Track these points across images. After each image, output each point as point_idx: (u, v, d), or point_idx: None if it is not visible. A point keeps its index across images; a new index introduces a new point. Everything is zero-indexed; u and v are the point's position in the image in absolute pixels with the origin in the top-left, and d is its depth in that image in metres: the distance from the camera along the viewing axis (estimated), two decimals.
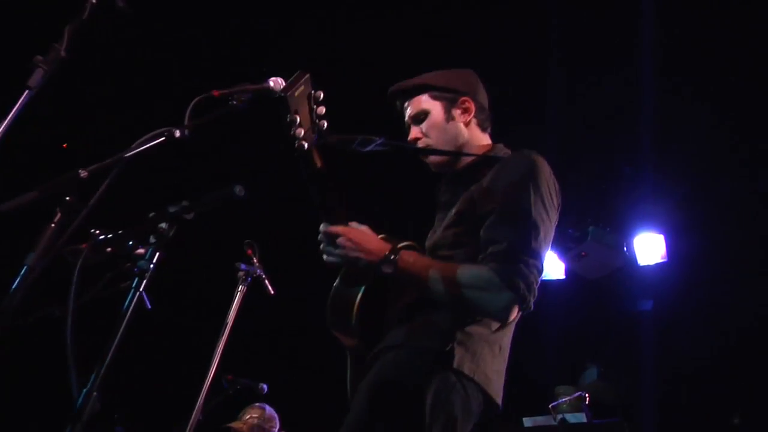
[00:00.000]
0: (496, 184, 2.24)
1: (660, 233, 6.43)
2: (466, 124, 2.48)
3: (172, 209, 1.77)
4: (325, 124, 2.09)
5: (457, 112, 2.47)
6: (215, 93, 2.03)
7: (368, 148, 2.27)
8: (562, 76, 5.93)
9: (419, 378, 2.12)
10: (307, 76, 2.06)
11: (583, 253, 6.60)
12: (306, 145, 2.04)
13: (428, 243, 2.39)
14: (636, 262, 6.51)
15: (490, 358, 2.22)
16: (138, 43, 5.59)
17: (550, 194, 2.24)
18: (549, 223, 2.22)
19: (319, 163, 2.10)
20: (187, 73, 5.69)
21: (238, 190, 1.75)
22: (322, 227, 2.19)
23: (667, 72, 5.71)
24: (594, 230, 6.52)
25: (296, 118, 2.01)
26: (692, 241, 6.46)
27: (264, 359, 6.57)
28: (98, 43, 5.01)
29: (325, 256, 2.20)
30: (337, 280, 2.33)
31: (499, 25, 5.57)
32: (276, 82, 2.20)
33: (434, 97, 2.48)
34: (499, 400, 2.25)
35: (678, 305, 6.71)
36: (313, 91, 2.07)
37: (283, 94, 1.99)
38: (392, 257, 2.15)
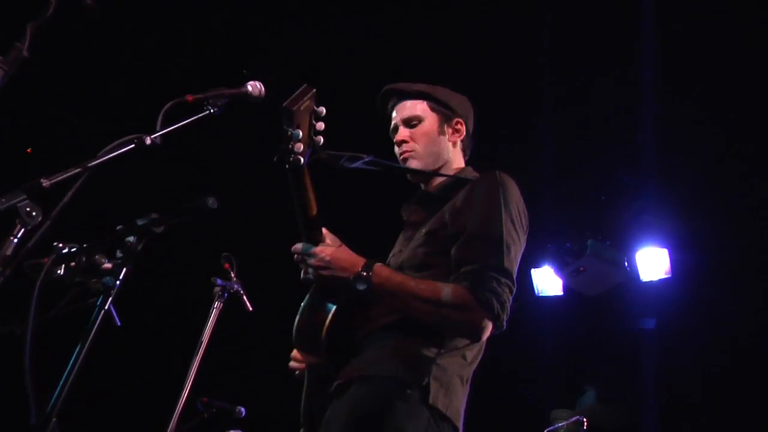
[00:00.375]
0: (467, 204, 2.38)
1: (663, 247, 6.44)
2: (453, 144, 2.66)
3: (140, 222, 1.76)
4: (321, 140, 2.16)
5: (449, 130, 2.65)
6: (189, 98, 2.04)
7: (354, 165, 2.37)
8: (557, 80, 5.96)
9: (397, 415, 2.19)
10: (314, 91, 2.12)
11: (581, 269, 6.61)
12: (302, 161, 2.09)
13: (393, 262, 2.50)
14: (638, 277, 6.52)
15: (460, 393, 2.33)
16: (107, 43, 5.58)
17: (519, 215, 2.40)
18: (519, 244, 2.37)
19: (308, 179, 2.17)
20: (160, 76, 5.68)
21: (211, 202, 1.75)
22: (294, 247, 2.28)
23: (668, 75, 5.74)
24: (593, 244, 6.53)
25: (298, 133, 2.07)
26: (698, 255, 6.48)
27: (242, 380, 6.54)
28: (64, 42, 5.00)
29: (302, 274, 2.30)
30: (307, 297, 2.40)
31: (489, 28, 5.61)
32: (254, 87, 2.21)
33: (432, 108, 2.64)
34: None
35: (682, 324, 6.72)
36: (315, 107, 2.14)
37: (289, 108, 2.05)
38: (365, 273, 2.23)
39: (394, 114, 2.68)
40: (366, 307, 2.35)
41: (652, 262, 6.47)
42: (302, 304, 2.40)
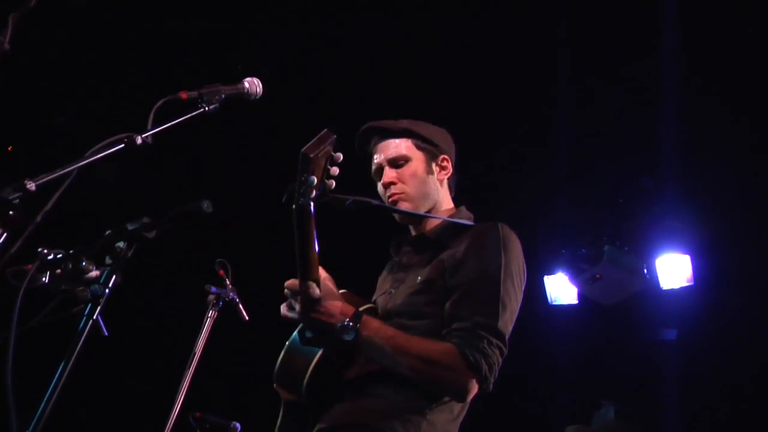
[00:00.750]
0: (467, 257, 2.42)
1: (685, 253, 6.43)
2: (441, 183, 2.68)
3: (131, 226, 1.76)
4: (333, 185, 2.20)
5: (436, 168, 2.67)
6: (183, 95, 2.04)
7: (357, 208, 2.40)
8: (572, 76, 5.95)
9: None
10: (334, 137, 2.15)
11: (597, 276, 6.60)
12: (313, 208, 2.16)
13: (384, 304, 2.53)
14: (658, 285, 6.51)
15: None
16: (94, 36, 5.58)
17: (519, 274, 2.45)
18: (516, 304, 2.41)
19: (312, 221, 2.21)
20: (152, 71, 5.68)
21: (206, 205, 1.74)
22: (288, 282, 2.32)
23: (692, 69, 5.72)
24: (610, 250, 6.52)
25: (313, 180, 2.11)
26: (722, 261, 6.47)
27: (237, 394, 6.54)
28: (48, 34, 5.01)
29: (284, 308, 2.35)
30: (294, 335, 2.44)
31: (502, 21, 5.60)
32: (252, 84, 2.21)
33: (418, 147, 2.65)
34: None
35: (705, 334, 6.70)
36: (333, 153, 2.16)
37: (307, 155, 2.08)
38: (352, 324, 2.26)
39: (375, 154, 2.65)
40: (354, 353, 2.38)
41: (673, 269, 6.46)
42: (288, 341, 2.45)
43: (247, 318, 3.99)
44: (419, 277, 2.46)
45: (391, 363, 2.29)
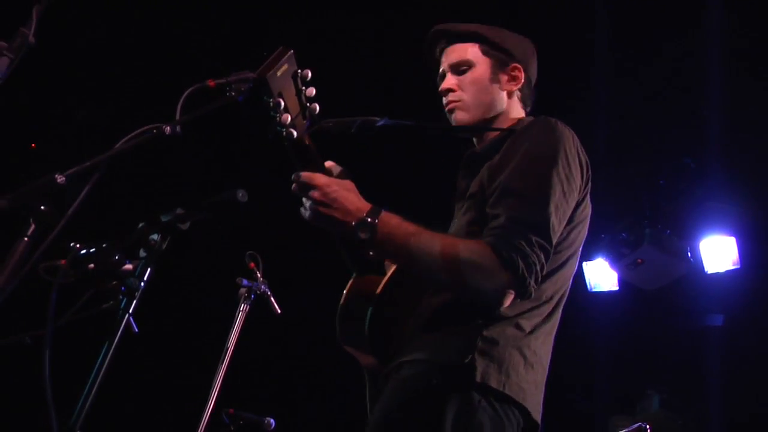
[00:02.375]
0: (506, 157, 2.25)
1: (731, 235, 6.37)
2: (509, 94, 2.51)
3: (164, 218, 1.77)
4: (317, 108, 2.07)
5: (504, 77, 2.50)
6: (211, 83, 2.04)
7: (370, 131, 2.28)
8: (611, 50, 5.88)
9: (435, 401, 2.09)
10: (291, 52, 2.02)
11: (639, 261, 6.56)
12: (295, 133, 2.02)
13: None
14: (702, 269, 6.46)
15: (522, 367, 2.18)
16: (120, 26, 5.62)
17: (568, 166, 2.23)
18: (567, 198, 2.20)
19: (312, 152, 2.10)
20: (178, 60, 5.71)
21: (241, 194, 1.75)
22: (297, 174, 2.11)
23: (737, 44, 5.63)
24: (651, 233, 6.48)
25: (280, 102, 1.98)
26: None
27: (270, 390, 6.59)
28: (73, 27, 5.05)
29: (301, 210, 2.14)
30: (348, 286, 2.35)
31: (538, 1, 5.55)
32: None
33: (484, 52, 2.50)
34: (538, 417, 2.22)
35: (753, 320, 6.64)
36: (299, 71, 2.04)
37: (262, 76, 1.94)
38: (370, 219, 2.09)
39: (442, 59, 2.53)
40: (409, 293, 2.27)
41: (718, 252, 6.40)
42: (343, 293, 2.35)
43: (279, 311, 4.01)
44: (467, 195, 2.32)
45: (413, 265, 2.13)
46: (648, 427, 4.91)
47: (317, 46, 5.80)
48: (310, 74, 2.05)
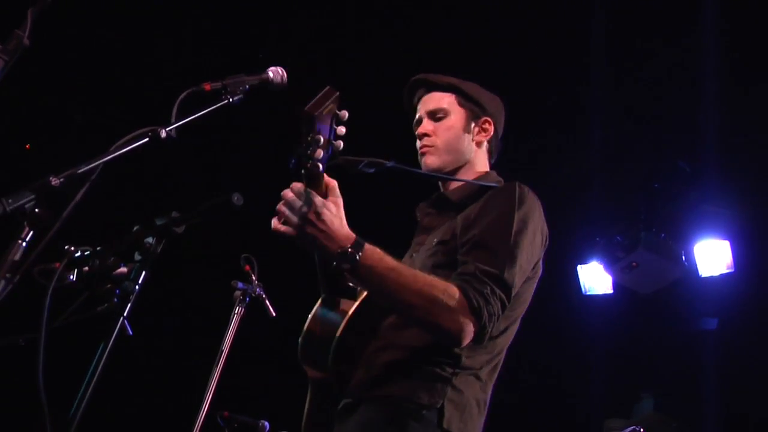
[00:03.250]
0: (481, 213, 2.41)
1: (725, 239, 6.38)
2: (478, 144, 2.70)
3: (159, 221, 1.77)
4: (341, 145, 2.13)
5: (475, 129, 2.70)
6: (206, 86, 2.05)
7: (371, 171, 2.39)
8: (606, 54, 5.89)
9: None
10: (337, 94, 2.12)
11: (633, 264, 6.57)
12: (321, 168, 2.09)
13: None
14: (697, 273, 6.47)
15: (476, 416, 2.38)
16: (115, 28, 5.62)
17: (536, 232, 2.41)
18: (528, 263, 2.38)
19: (323, 184, 2.16)
20: (174, 63, 5.71)
21: (236, 198, 1.75)
22: (293, 186, 2.13)
23: (732, 47, 5.63)
24: (646, 237, 6.48)
25: (319, 140, 2.06)
26: (763, 247, 6.40)
27: (265, 392, 6.58)
28: (67, 28, 5.05)
29: (276, 221, 2.13)
30: (317, 306, 2.42)
31: (534, 4, 5.55)
32: (276, 73, 2.22)
33: (460, 103, 2.69)
34: None
35: (747, 324, 6.64)
36: (338, 111, 2.12)
37: (310, 113, 2.04)
38: (352, 251, 2.14)
39: (419, 106, 2.72)
40: (378, 322, 2.38)
41: (713, 256, 6.41)
42: (310, 314, 2.42)
43: (274, 314, 4.01)
44: (435, 239, 2.47)
45: (389, 299, 2.22)
46: (642, 430, 4.92)
47: (317, 47, 5.83)
48: (347, 116, 2.13)
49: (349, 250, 2.13)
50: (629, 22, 5.64)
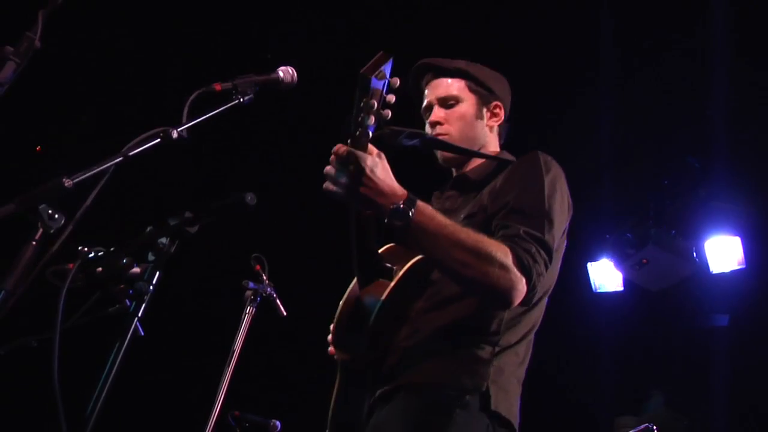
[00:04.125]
0: (508, 184, 2.38)
1: (736, 235, 6.36)
2: (490, 129, 2.70)
3: (172, 222, 1.77)
4: (389, 114, 2.08)
5: (487, 113, 2.69)
6: (217, 86, 2.06)
7: (411, 143, 2.35)
8: (615, 51, 5.88)
9: (458, 426, 2.18)
10: (391, 59, 2.04)
11: (644, 261, 6.55)
12: (369, 135, 2.04)
13: None
14: (708, 269, 6.45)
15: (516, 395, 2.35)
16: (125, 29, 5.63)
17: (564, 197, 2.40)
18: (560, 226, 2.35)
19: (369, 151, 2.11)
20: (185, 63, 5.72)
21: (250, 198, 1.75)
22: (341, 146, 2.06)
23: (742, 43, 5.61)
24: (656, 233, 6.47)
25: (373, 105, 2.00)
26: None
27: (276, 392, 6.59)
28: (78, 30, 5.06)
29: (327, 183, 2.08)
30: (350, 289, 2.37)
31: None
32: (286, 72, 2.22)
33: (470, 89, 2.67)
34: None
35: (759, 320, 6.62)
36: (389, 78, 2.05)
37: (366, 75, 1.97)
38: (404, 207, 2.08)
39: (427, 91, 2.69)
40: (412, 305, 2.34)
41: (724, 252, 6.38)
42: (344, 297, 2.37)
43: (285, 314, 4.01)
44: (462, 215, 2.42)
45: (442, 255, 2.14)
46: (654, 427, 4.90)
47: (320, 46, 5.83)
48: (398, 82, 2.08)
49: (402, 205, 2.08)
50: (639, 19, 5.63)
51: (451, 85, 2.66)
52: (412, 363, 2.28)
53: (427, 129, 2.65)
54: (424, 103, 2.69)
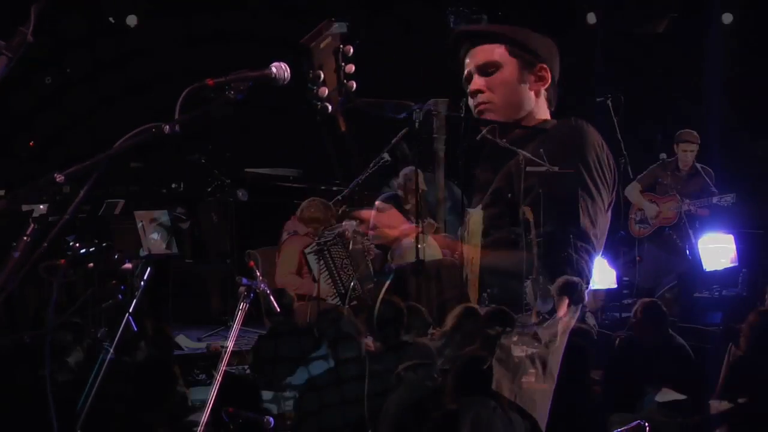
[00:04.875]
0: (538, 157, 2.25)
1: (729, 233, 6.37)
2: (536, 93, 2.49)
3: (166, 217, 1.77)
4: (354, 85, 2.07)
5: (531, 78, 2.53)
6: (210, 82, 2.05)
7: (403, 115, 2.31)
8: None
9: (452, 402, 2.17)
10: (335, 26, 2.03)
11: (638, 258, 6.55)
12: (330, 108, 2.03)
13: (461, 231, 2.40)
14: (701, 267, 6.45)
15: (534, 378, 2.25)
16: (118, 25, 5.62)
17: (599, 165, 2.27)
18: (600, 197, 2.25)
19: (343, 128, 2.10)
20: (178, 59, 5.71)
21: (241, 194, 1.75)
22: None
23: (737, 41, 5.62)
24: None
25: (320, 75, 1.99)
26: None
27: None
28: (70, 24, 5.04)
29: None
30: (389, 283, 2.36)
31: None
32: (279, 68, 2.21)
33: (511, 53, 2.52)
34: (543, 425, 2.29)
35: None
36: (342, 46, 2.05)
37: (306, 45, 1.96)
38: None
39: (467, 60, 2.55)
40: (423, 282, 2.32)
41: (717, 250, 6.39)
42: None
43: (278, 310, 4.01)
44: (490, 189, 2.38)
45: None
46: (647, 425, 4.90)
47: None
48: (352, 51, 2.06)
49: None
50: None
51: (491, 51, 2.53)
52: (418, 331, 2.34)
53: (469, 100, 2.50)
54: (465, 73, 2.54)
